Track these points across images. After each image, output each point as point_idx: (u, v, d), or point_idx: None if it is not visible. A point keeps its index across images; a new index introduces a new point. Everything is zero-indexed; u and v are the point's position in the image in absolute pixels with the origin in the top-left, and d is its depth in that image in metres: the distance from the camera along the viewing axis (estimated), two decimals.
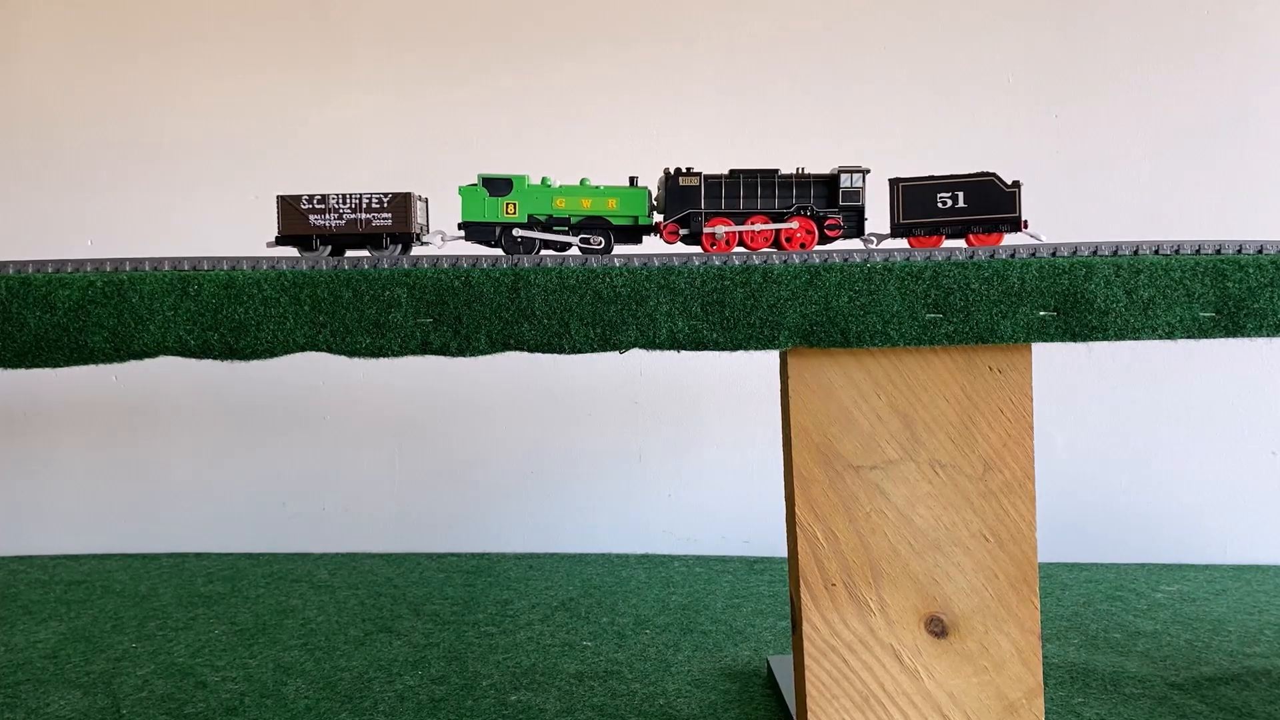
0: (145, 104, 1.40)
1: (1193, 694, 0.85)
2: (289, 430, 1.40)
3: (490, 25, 1.38)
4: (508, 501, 1.39)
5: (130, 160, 1.40)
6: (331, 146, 1.39)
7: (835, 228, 0.75)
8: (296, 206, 0.76)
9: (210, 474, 1.41)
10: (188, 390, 1.41)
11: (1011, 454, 0.69)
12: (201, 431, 1.41)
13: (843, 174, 0.75)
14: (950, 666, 0.69)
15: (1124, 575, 1.25)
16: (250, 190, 1.36)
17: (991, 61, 1.34)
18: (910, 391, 0.69)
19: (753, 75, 1.36)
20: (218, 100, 1.39)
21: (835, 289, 0.65)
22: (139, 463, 1.41)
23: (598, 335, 0.66)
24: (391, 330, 0.66)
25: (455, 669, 0.93)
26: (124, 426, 1.41)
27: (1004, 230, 0.74)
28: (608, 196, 0.76)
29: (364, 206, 0.75)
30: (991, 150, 1.33)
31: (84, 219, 1.40)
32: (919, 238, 0.75)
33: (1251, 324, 0.65)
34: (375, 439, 1.40)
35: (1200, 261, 0.65)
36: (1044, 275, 0.65)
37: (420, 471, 1.40)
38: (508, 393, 1.40)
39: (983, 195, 0.74)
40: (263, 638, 1.03)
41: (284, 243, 0.76)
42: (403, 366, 1.36)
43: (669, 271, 0.66)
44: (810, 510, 0.69)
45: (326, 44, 1.39)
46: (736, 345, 0.66)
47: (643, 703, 0.85)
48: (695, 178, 0.75)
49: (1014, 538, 0.69)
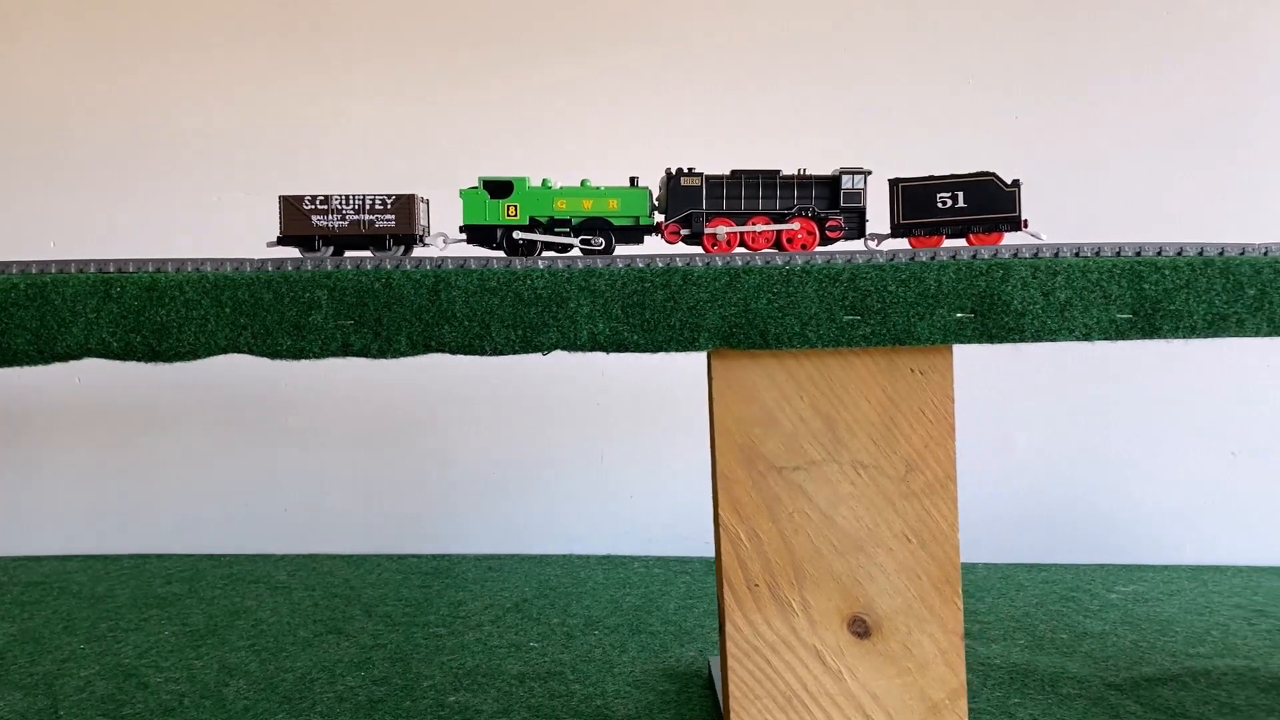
0: (133, 104, 1.40)
1: (1129, 694, 0.85)
2: (252, 431, 1.40)
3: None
4: (470, 503, 1.40)
5: (99, 161, 1.40)
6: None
7: (836, 229, 0.76)
8: (299, 207, 0.76)
9: (173, 475, 1.41)
10: (151, 391, 1.41)
11: (933, 455, 0.69)
12: (165, 433, 1.41)
13: (844, 175, 0.75)
14: (873, 667, 0.70)
15: (1081, 576, 1.26)
16: (222, 189, 1.37)
17: (951, 64, 1.35)
18: (833, 393, 0.69)
19: (724, 75, 1.36)
20: (199, 102, 1.39)
21: (754, 291, 0.66)
22: (102, 464, 1.41)
23: (519, 337, 0.66)
24: (312, 332, 0.66)
25: (398, 670, 0.93)
26: (88, 428, 1.41)
27: (1004, 230, 0.74)
28: (609, 197, 0.76)
29: (367, 208, 0.75)
30: (952, 152, 1.33)
31: (52, 220, 1.39)
32: (919, 238, 0.75)
33: (1168, 325, 0.65)
34: (339, 440, 1.40)
35: (1117, 263, 0.65)
36: (961, 277, 0.65)
37: (383, 472, 1.40)
38: (472, 394, 1.40)
39: (983, 195, 0.74)
40: (212, 639, 1.03)
41: (286, 243, 0.76)
42: (367, 368, 1.36)
43: (589, 273, 0.66)
44: (733, 511, 0.70)
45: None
46: (657, 347, 0.67)
47: (580, 703, 0.85)
48: (697, 178, 0.75)
49: (936, 538, 0.70)
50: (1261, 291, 0.64)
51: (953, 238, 0.75)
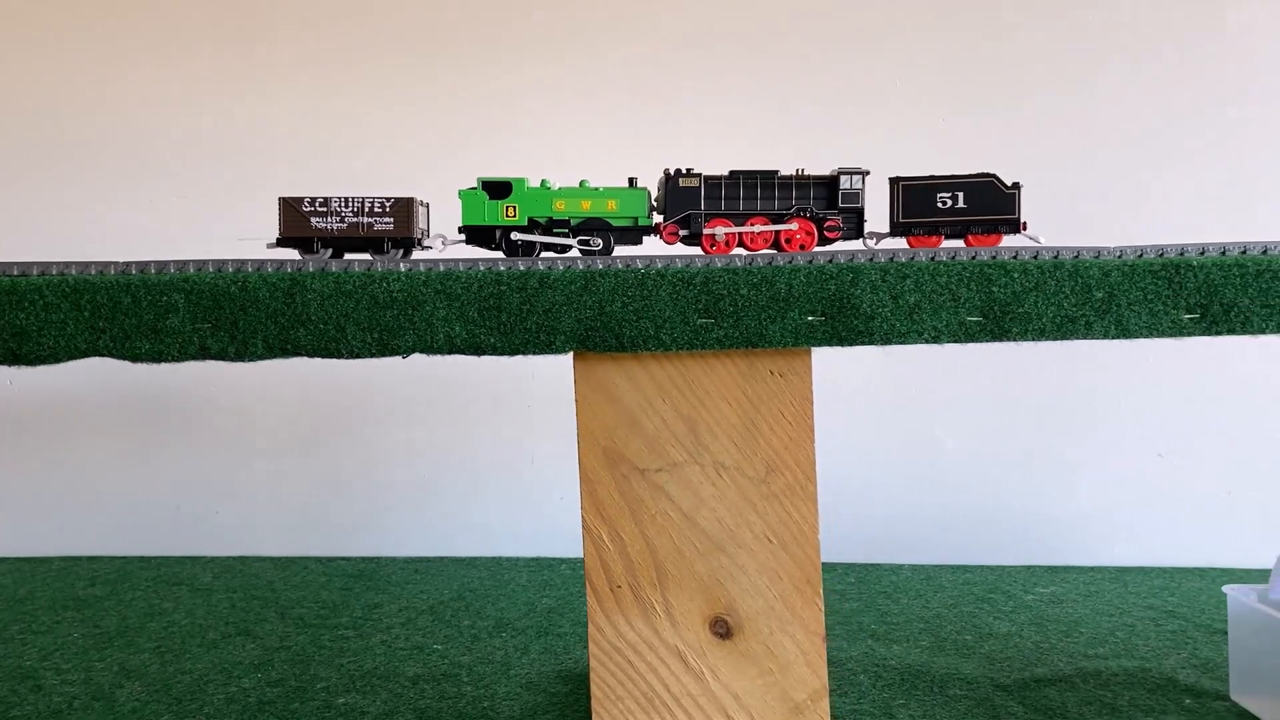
0: (56, 102, 1.41)
1: (1015, 695, 0.86)
2: (183, 434, 1.41)
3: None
4: (400, 505, 1.40)
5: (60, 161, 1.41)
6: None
7: (834, 229, 0.76)
8: (299, 209, 0.75)
9: (104, 477, 1.41)
10: (85, 393, 1.41)
11: (793, 457, 0.70)
12: (97, 435, 1.41)
13: (842, 175, 0.75)
14: (735, 668, 0.70)
15: (1004, 577, 1.26)
16: (170, 190, 1.37)
17: (881, 69, 1.35)
18: (694, 396, 0.70)
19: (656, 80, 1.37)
20: (144, 101, 1.40)
21: (609, 294, 0.66)
22: (34, 466, 1.42)
23: (375, 340, 0.66)
24: (169, 335, 0.66)
25: (296, 672, 0.93)
26: (20, 430, 1.42)
27: (1003, 231, 0.75)
28: (607, 198, 0.76)
29: (366, 210, 0.75)
30: (878, 157, 1.33)
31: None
32: (918, 237, 0.75)
33: (1016, 328, 0.65)
34: (270, 442, 1.41)
35: (967, 266, 0.66)
36: (811, 281, 0.66)
37: (314, 475, 1.41)
38: (401, 396, 1.40)
39: (982, 196, 0.74)
40: (120, 640, 1.03)
41: (285, 244, 0.76)
42: (296, 370, 1.37)
43: (446, 276, 0.66)
44: (596, 513, 0.70)
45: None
46: (514, 350, 0.67)
47: (467, 705, 0.85)
48: (695, 179, 0.75)
49: (797, 540, 0.70)
50: (1110, 294, 0.65)
51: (951, 238, 0.75)
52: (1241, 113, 1.31)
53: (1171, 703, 0.84)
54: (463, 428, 1.40)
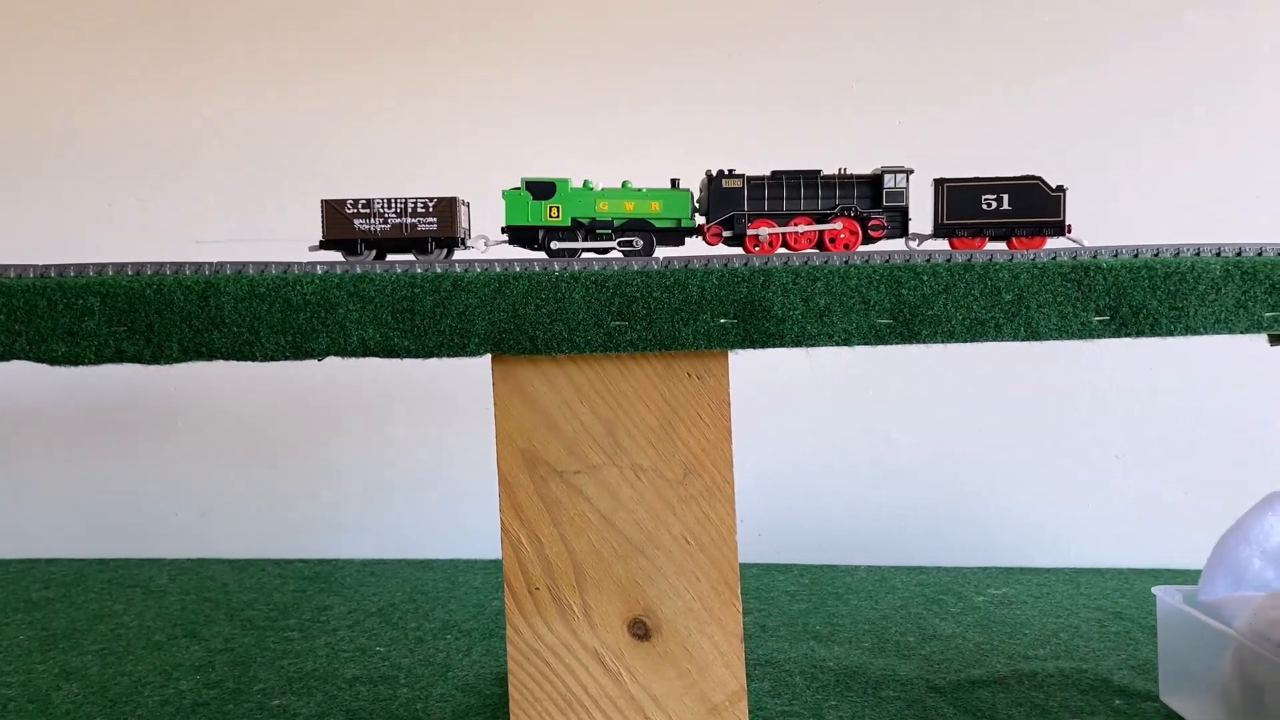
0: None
1: (948, 696, 0.86)
2: (144, 436, 1.41)
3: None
4: (357, 507, 1.40)
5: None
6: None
7: (879, 228, 0.75)
8: (341, 211, 0.75)
9: (64, 479, 1.41)
10: (44, 395, 1.41)
11: (710, 459, 0.70)
12: (57, 436, 1.41)
13: (886, 174, 0.75)
14: (653, 669, 0.70)
15: (958, 578, 1.26)
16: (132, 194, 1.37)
17: (839, 66, 1.36)
18: (613, 398, 0.70)
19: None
20: (93, 103, 1.40)
21: (523, 297, 0.66)
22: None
23: (289, 343, 0.67)
24: (85, 338, 0.66)
25: (235, 674, 0.93)
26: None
27: (1048, 234, 0.74)
28: (651, 199, 0.76)
29: (409, 211, 0.75)
30: (837, 153, 1.34)
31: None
32: (962, 238, 0.74)
33: (926, 330, 0.66)
34: (229, 444, 1.41)
35: (877, 269, 0.66)
36: (724, 284, 0.66)
37: (272, 477, 1.41)
38: (361, 399, 1.40)
39: (1027, 198, 0.73)
40: (65, 643, 1.03)
41: (328, 247, 0.76)
42: (256, 372, 1.37)
43: (359, 279, 0.66)
44: (515, 515, 0.70)
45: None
46: (429, 353, 0.67)
47: (400, 707, 0.85)
48: (738, 179, 0.75)
49: (714, 541, 0.70)
50: (1019, 297, 0.65)
51: (995, 240, 0.74)
52: (1207, 112, 1.31)
53: (1102, 704, 0.84)
54: (422, 430, 1.40)
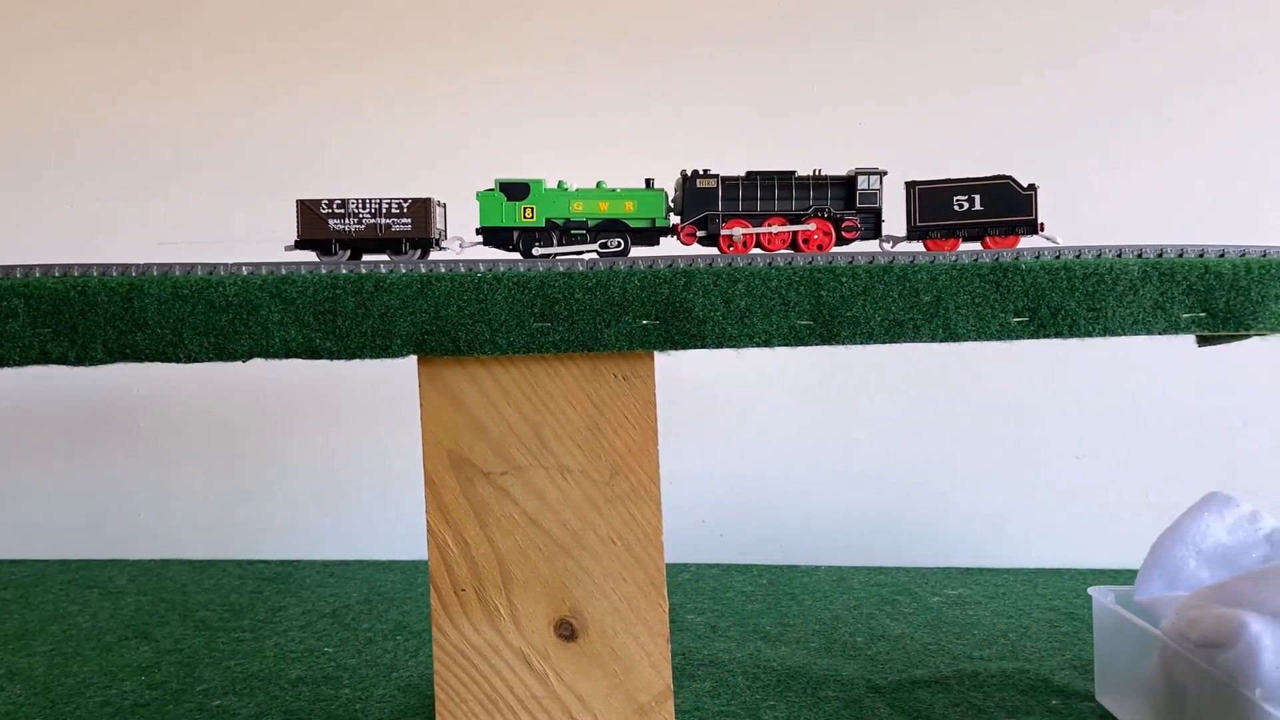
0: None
1: (887, 696, 0.86)
2: (106, 436, 1.41)
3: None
4: (318, 508, 1.40)
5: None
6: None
7: (852, 229, 0.76)
8: (316, 211, 0.75)
9: (27, 480, 1.41)
10: (5, 398, 1.41)
11: (637, 460, 0.70)
12: (18, 437, 1.41)
13: (860, 176, 0.76)
14: (579, 670, 0.70)
15: (915, 579, 1.27)
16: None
17: (798, 72, 1.36)
18: (539, 399, 0.70)
19: None
20: (56, 97, 1.40)
21: (445, 299, 0.66)
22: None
23: (211, 344, 0.67)
24: (9, 340, 0.67)
25: (180, 675, 0.94)
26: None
27: (1020, 233, 0.74)
28: (624, 199, 0.76)
29: (384, 211, 0.75)
30: (799, 157, 1.34)
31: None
32: (935, 240, 0.75)
33: (845, 331, 0.66)
34: (191, 444, 1.41)
35: (797, 271, 0.66)
36: (645, 285, 0.66)
37: (233, 477, 1.41)
38: (322, 399, 1.40)
39: (999, 198, 0.74)
40: (16, 644, 1.03)
41: (303, 247, 0.76)
42: (220, 373, 1.37)
43: (282, 280, 0.67)
44: (441, 517, 0.70)
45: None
46: (351, 354, 0.68)
47: (339, 708, 0.85)
48: (713, 180, 0.76)
49: (640, 542, 0.70)
50: (937, 298, 0.65)
51: (969, 240, 0.75)
52: (1173, 111, 1.32)
53: (1039, 704, 0.84)
54: (384, 431, 1.40)
